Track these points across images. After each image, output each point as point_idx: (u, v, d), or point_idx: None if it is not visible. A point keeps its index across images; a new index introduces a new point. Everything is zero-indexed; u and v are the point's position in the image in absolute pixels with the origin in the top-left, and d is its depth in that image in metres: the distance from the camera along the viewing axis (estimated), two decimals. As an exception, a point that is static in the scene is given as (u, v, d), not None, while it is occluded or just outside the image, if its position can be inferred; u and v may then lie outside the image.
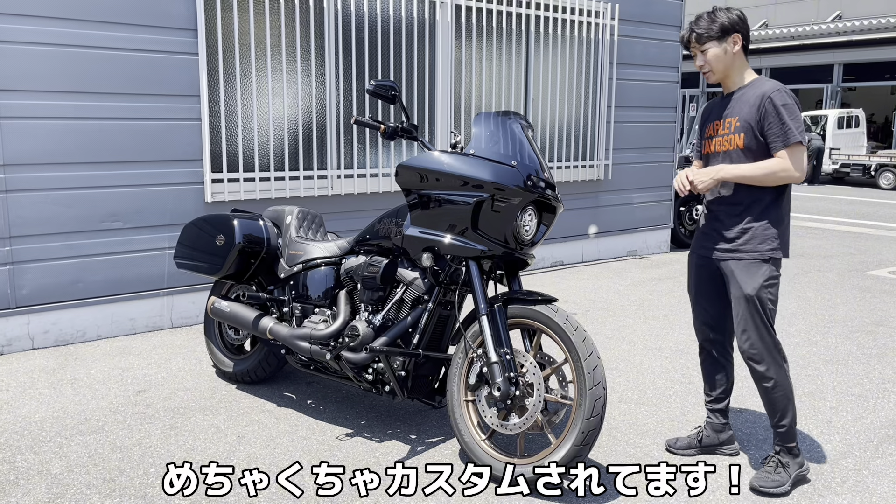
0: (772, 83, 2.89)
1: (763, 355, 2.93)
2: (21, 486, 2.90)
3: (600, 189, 7.56)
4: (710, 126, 3.08)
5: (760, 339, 2.92)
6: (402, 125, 3.22)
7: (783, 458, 2.96)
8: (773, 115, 2.82)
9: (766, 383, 2.94)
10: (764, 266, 2.90)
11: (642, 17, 7.61)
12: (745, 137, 2.89)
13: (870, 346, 4.87)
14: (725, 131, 2.97)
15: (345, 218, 5.69)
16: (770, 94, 2.83)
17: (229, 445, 3.28)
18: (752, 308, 2.90)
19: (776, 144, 2.83)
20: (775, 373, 2.93)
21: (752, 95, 2.89)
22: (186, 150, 4.99)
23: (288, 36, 5.34)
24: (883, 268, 7.54)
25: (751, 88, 2.93)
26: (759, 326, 2.91)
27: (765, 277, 2.90)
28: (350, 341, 3.22)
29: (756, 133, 2.87)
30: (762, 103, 2.84)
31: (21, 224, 4.46)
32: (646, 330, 5.20)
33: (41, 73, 4.42)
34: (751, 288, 2.90)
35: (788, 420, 2.95)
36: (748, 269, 2.91)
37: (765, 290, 2.90)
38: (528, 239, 3.05)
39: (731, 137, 2.94)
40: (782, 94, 2.84)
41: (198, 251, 3.89)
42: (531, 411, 2.86)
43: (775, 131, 2.83)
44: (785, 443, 2.97)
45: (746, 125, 2.89)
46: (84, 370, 4.24)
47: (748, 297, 2.90)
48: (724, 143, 2.98)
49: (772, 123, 2.83)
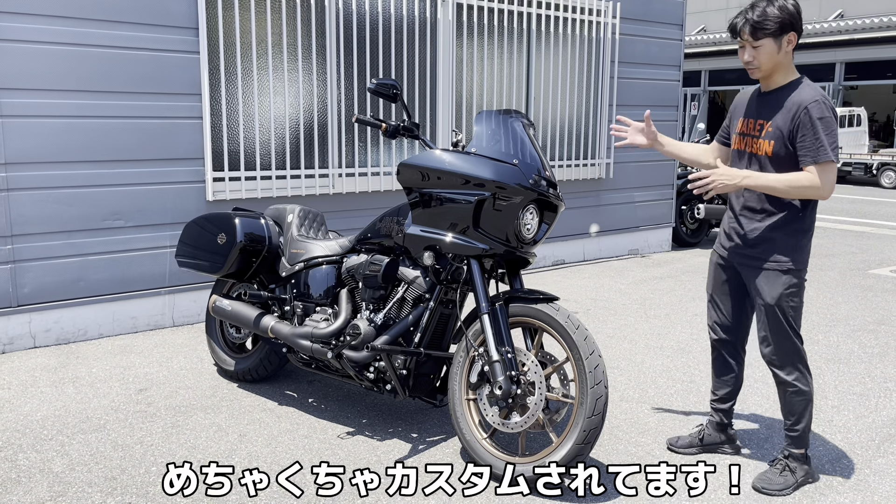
0: (812, 91, 2.73)
1: (783, 361, 2.89)
2: (23, 484, 2.91)
3: (601, 188, 7.56)
4: (742, 121, 2.95)
5: (781, 346, 2.88)
6: (403, 124, 3.22)
7: (791, 462, 2.95)
8: (807, 128, 2.68)
9: (787, 388, 2.91)
10: (784, 276, 2.83)
11: (644, 15, 7.60)
12: (775, 145, 2.77)
13: (871, 344, 4.86)
14: (756, 133, 2.85)
15: (346, 216, 5.70)
16: (808, 105, 2.69)
17: (231, 444, 3.28)
18: (773, 316, 2.86)
19: (806, 159, 2.70)
20: (795, 378, 2.89)
21: (790, 102, 2.74)
22: (188, 148, 4.99)
23: (289, 34, 5.34)
24: (885, 266, 7.54)
25: (789, 92, 2.77)
26: (781, 333, 2.86)
27: (785, 286, 2.83)
28: (351, 340, 3.22)
29: (787, 142, 2.74)
30: (798, 112, 2.70)
31: (23, 222, 4.47)
32: (647, 329, 5.19)
33: (43, 71, 4.43)
34: (771, 297, 2.84)
35: (802, 426, 2.92)
36: (768, 278, 2.85)
37: (786, 298, 2.83)
38: (530, 237, 3.05)
39: (761, 143, 2.82)
40: (821, 106, 2.68)
41: (199, 250, 3.89)
42: (532, 410, 2.86)
43: (808, 145, 2.69)
44: (795, 448, 2.95)
45: (778, 132, 2.76)
46: (85, 368, 4.25)
47: (769, 305, 2.85)
48: (752, 146, 2.86)
49: (805, 136, 2.69)
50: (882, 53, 20.53)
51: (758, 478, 2.95)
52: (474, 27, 6.35)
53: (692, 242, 8.77)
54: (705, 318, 3.33)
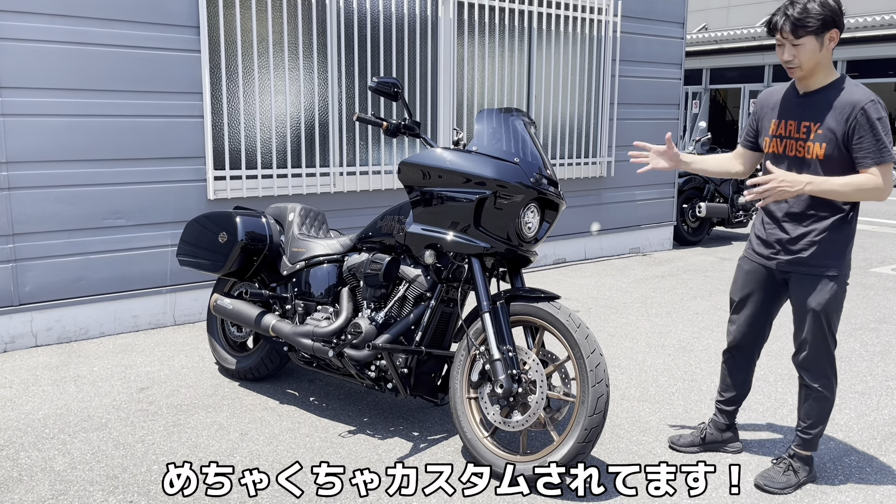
0: (864, 91, 2.65)
1: (816, 367, 2.85)
2: (24, 482, 2.91)
3: (603, 186, 7.55)
4: (779, 123, 2.83)
5: (817, 353, 2.83)
6: (404, 122, 3.22)
7: (795, 462, 2.94)
8: (865, 129, 2.60)
9: (811, 392, 2.89)
10: (831, 282, 2.76)
11: (645, 13, 7.60)
12: (828, 147, 2.67)
13: (873, 343, 4.86)
14: (801, 136, 2.74)
15: (347, 215, 5.70)
16: (864, 105, 2.61)
17: (232, 442, 3.29)
18: (814, 322, 2.79)
19: (867, 161, 2.62)
20: (823, 385, 2.86)
21: (841, 102, 2.66)
22: (189, 147, 4.99)
23: (290, 33, 5.34)
24: (886, 265, 7.53)
25: (836, 92, 2.69)
26: (819, 340, 2.81)
27: (832, 292, 2.76)
28: (353, 338, 3.22)
29: (840, 144, 2.66)
30: (853, 114, 2.62)
31: (24, 221, 4.47)
32: (649, 327, 5.19)
33: (44, 70, 4.43)
34: (817, 303, 2.77)
35: (817, 431, 2.91)
36: (815, 284, 2.77)
37: (832, 304, 2.77)
38: (531, 236, 3.05)
39: (810, 145, 2.71)
40: (877, 106, 2.61)
41: (200, 248, 3.89)
42: (534, 408, 2.86)
43: (867, 146, 2.61)
44: (804, 450, 2.94)
45: (830, 135, 2.66)
46: (87, 367, 4.25)
47: (812, 311, 2.78)
48: (800, 149, 2.75)
49: (863, 137, 2.61)
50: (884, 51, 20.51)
51: (760, 475, 2.94)
52: (475, 25, 6.35)
53: (693, 241, 8.76)
54: (706, 317, 3.32)
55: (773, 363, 4.42)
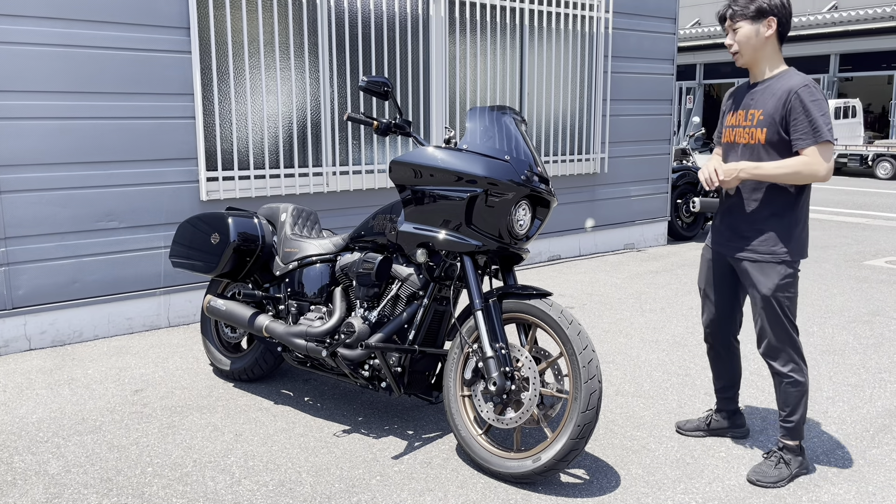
0: (801, 77, 2.77)
1: (780, 353, 2.90)
2: (18, 486, 2.90)
3: (596, 182, 7.56)
4: (733, 114, 2.99)
5: (777, 338, 2.89)
6: (395, 121, 3.22)
7: (785, 454, 2.96)
8: (799, 111, 2.71)
9: (783, 379, 2.92)
10: (780, 266, 2.84)
11: (637, 9, 7.60)
12: (768, 132, 2.80)
13: (866, 335, 4.87)
14: (748, 123, 2.88)
15: (340, 215, 5.69)
16: (798, 90, 2.72)
17: (226, 443, 3.29)
18: (768, 308, 2.87)
19: (800, 142, 2.72)
20: (791, 370, 2.90)
21: (779, 88, 2.79)
22: (181, 148, 4.98)
23: (281, 33, 5.33)
24: (880, 257, 7.55)
25: (778, 80, 2.83)
26: (777, 325, 2.88)
27: (780, 277, 2.84)
28: (346, 338, 3.22)
29: (780, 128, 2.77)
30: (789, 98, 2.74)
31: (16, 224, 4.46)
32: (643, 323, 5.20)
33: (34, 73, 4.41)
34: (766, 288, 2.86)
35: (797, 418, 2.94)
36: (763, 269, 2.86)
37: (781, 289, 2.85)
38: (522, 233, 3.05)
39: (753, 131, 2.85)
40: (811, 89, 2.72)
41: (193, 250, 3.89)
42: (527, 405, 2.87)
43: (801, 128, 2.72)
44: (790, 439, 2.96)
45: (770, 119, 2.79)
46: (81, 370, 4.24)
47: (764, 297, 2.87)
48: (746, 136, 2.89)
49: (798, 120, 2.72)
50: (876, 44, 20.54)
51: (752, 470, 2.95)
52: (467, 23, 6.35)
53: (688, 236, 8.78)
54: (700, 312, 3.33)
55: (767, 357, 4.43)
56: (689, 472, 3.02)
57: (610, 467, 3.05)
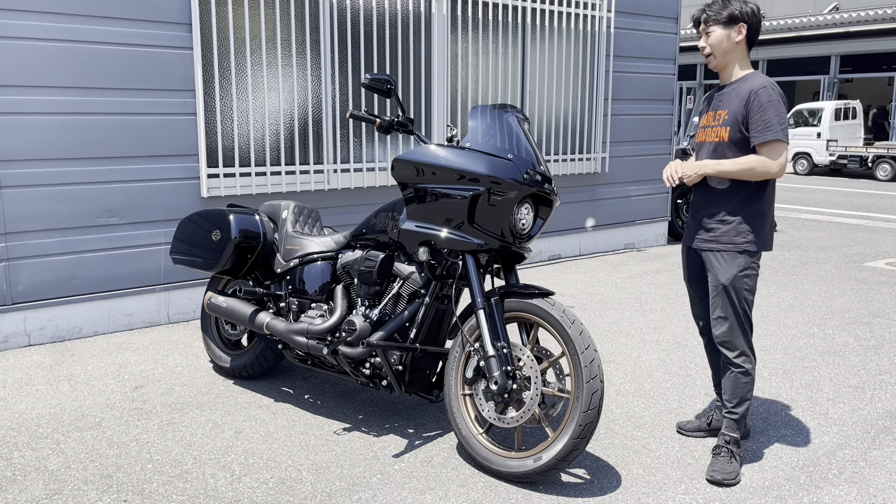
0: (763, 79, 2.92)
1: (734, 343, 2.99)
2: (18, 482, 2.90)
3: (597, 182, 7.56)
4: (705, 116, 3.14)
5: (732, 328, 2.98)
6: (397, 119, 3.21)
7: (733, 447, 3.01)
8: (755, 111, 2.86)
9: (734, 369, 3.00)
10: (739, 257, 2.95)
11: (639, 9, 7.59)
12: (731, 131, 2.94)
13: (867, 337, 4.87)
14: (715, 123, 3.02)
15: (341, 212, 5.69)
16: (757, 90, 2.87)
17: (227, 441, 3.28)
18: (727, 297, 2.97)
19: (755, 139, 2.87)
20: (743, 360, 3.00)
21: (744, 90, 2.93)
22: (182, 145, 4.97)
23: (283, 29, 5.32)
24: (880, 259, 7.55)
25: (743, 82, 2.97)
26: (733, 315, 2.97)
27: (740, 268, 2.95)
28: (347, 336, 3.21)
29: (741, 127, 2.92)
30: (749, 98, 2.88)
31: (16, 220, 4.45)
32: (643, 323, 5.20)
33: (34, 68, 4.40)
34: (725, 277, 2.96)
35: (743, 409, 3.01)
36: (724, 258, 2.97)
37: (740, 279, 2.95)
38: (525, 232, 3.05)
39: (719, 130, 2.99)
40: (769, 90, 2.87)
41: (194, 246, 3.88)
42: (528, 405, 2.86)
43: (757, 126, 2.87)
44: (735, 431, 3.01)
45: (733, 119, 2.93)
46: (81, 366, 4.24)
47: (723, 286, 2.97)
48: (713, 135, 3.03)
49: (755, 118, 2.87)
50: (877, 46, 20.54)
51: (711, 470, 2.94)
52: (469, 21, 6.34)
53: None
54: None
55: (767, 357, 4.43)
56: (690, 472, 3.01)
57: (611, 467, 3.04)
